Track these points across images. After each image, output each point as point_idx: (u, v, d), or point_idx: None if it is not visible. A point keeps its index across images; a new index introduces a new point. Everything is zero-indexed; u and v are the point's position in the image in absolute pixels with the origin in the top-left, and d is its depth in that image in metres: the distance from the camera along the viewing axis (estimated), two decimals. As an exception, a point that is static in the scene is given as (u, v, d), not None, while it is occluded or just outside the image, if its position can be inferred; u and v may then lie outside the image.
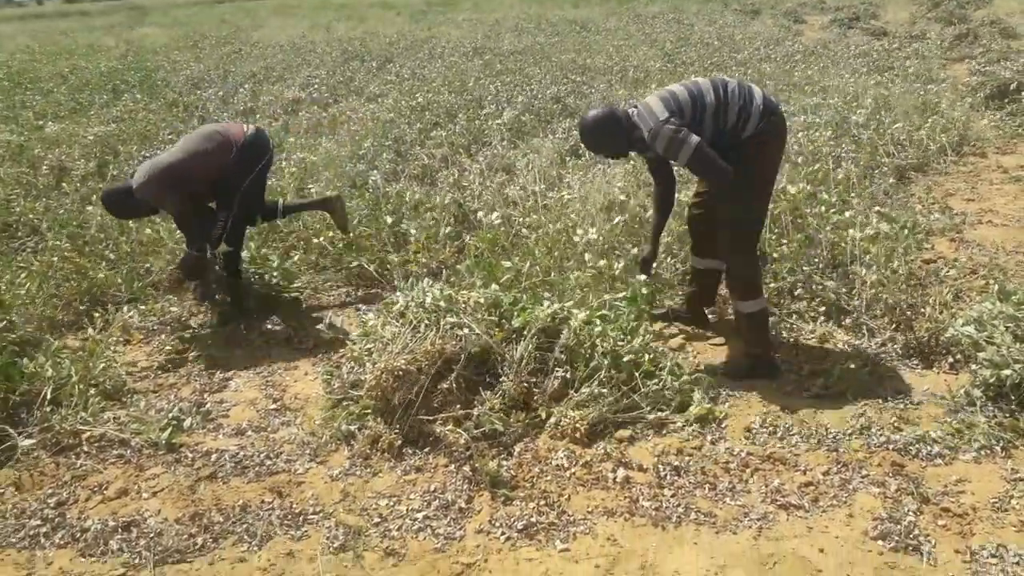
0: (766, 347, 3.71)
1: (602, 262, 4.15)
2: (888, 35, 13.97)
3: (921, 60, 10.75)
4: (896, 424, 3.22)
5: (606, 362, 3.41)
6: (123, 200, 4.30)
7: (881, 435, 3.14)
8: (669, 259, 4.58)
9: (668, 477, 2.97)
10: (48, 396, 3.56)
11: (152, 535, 2.84)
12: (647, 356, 3.52)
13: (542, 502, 2.86)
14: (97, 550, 2.80)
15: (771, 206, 4.56)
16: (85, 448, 3.40)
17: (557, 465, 3.06)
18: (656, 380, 3.44)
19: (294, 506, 2.96)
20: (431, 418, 3.30)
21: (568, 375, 3.42)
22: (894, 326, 3.91)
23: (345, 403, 3.49)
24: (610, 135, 3.63)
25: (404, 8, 27.28)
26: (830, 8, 19.18)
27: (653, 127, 3.45)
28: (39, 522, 2.96)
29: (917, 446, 3.06)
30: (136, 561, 2.73)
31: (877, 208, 5.08)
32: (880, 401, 3.40)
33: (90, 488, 3.15)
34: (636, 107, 3.61)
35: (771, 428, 3.25)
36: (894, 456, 3.01)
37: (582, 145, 3.89)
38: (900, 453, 3.03)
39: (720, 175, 3.47)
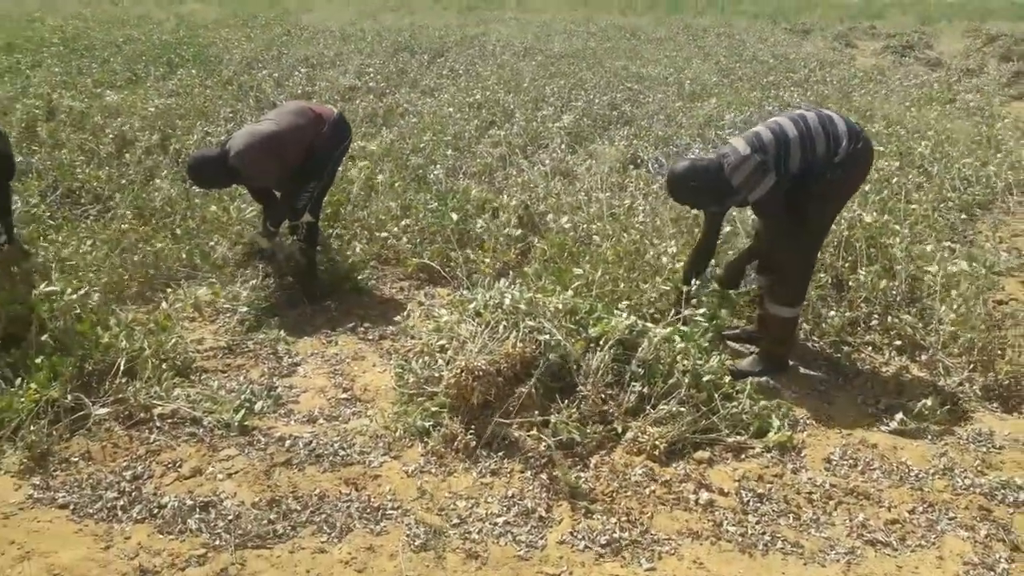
0: (787, 348, 3.88)
1: (678, 275, 4.11)
2: (943, 66, 13.81)
3: (981, 95, 10.60)
4: (979, 467, 3.16)
5: (686, 380, 3.36)
6: (214, 167, 4.29)
7: (965, 477, 3.09)
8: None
9: (751, 503, 2.93)
10: (121, 368, 3.56)
11: (230, 517, 2.83)
12: (726, 377, 3.48)
13: (624, 518, 2.83)
14: (175, 528, 2.79)
15: (846, 232, 4.54)
16: (157, 423, 3.39)
17: (636, 481, 3.03)
18: (735, 403, 3.40)
19: (372, 500, 2.94)
20: (507, 422, 3.27)
21: (646, 390, 3.39)
22: (971, 366, 3.85)
23: (419, 398, 3.47)
24: (703, 184, 3.65)
25: (451, 3, 27.31)
26: (881, 34, 19.01)
27: (734, 161, 3.54)
28: (116, 495, 2.95)
29: (1003, 491, 3.00)
30: (216, 543, 2.72)
31: (948, 243, 5.01)
32: (961, 441, 3.35)
33: (164, 464, 3.15)
34: (724, 148, 3.66)
35: (851, 461, 3.21)
36: (980, 500, 2.95)
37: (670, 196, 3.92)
38: (987, 497, 2.97)
39: (778, 224, 3.65)
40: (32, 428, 3.18)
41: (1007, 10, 25.65)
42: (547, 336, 3.41)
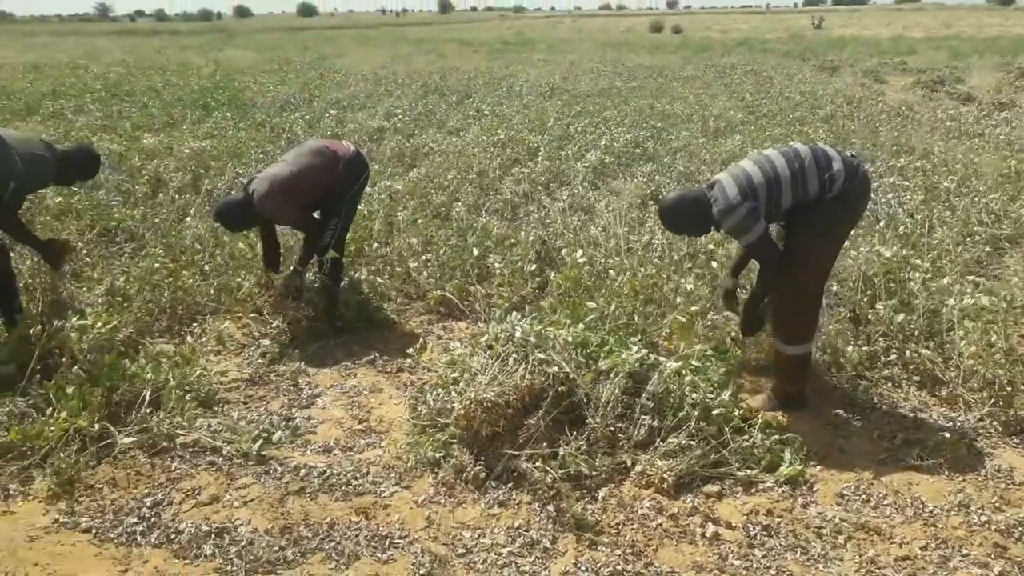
0: (800, 384, 3.82)
1: (694, 308, 4.13)
2: (974, 101, 13.73)
3: (1011, 129, 10.51)
4: (997, 504, 3.11)
5: (696, 413, 3.38)
6: (241, 212, 4.48)
7: (982, 514, 3.04)
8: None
9: (759, 537, 2.92)
10: (147, 398, 3.68)
11: (244, 543, 2.90)
12: (737, 411, 3.49)
13: (629, 550, 2.84)
14: (191, 552, 2.86)
15: (864, 267, 4.53)
16: (179, 452, 3.49)
17: (643, 514, 3.03)
18: (746, 436, 3.39)
19: (380, 528, 2.99)
20: (516, 453, 3.30)
21: (655, 423, 3.40)
22: (992, 401, 3.79)
23: (431, 430, 3.53)
24: (690, 215, 3.67)
25: (481, 46, 27.90)
26: (912, 70, 18.98)
27: (724, 207, 3.51)
28: (136, 520, 3.05)
29: (1020, 529, 2.94)
30: (228, 568, 2.78)
31: (972, 277, 4.96)
32: (979, 477, 3.30)
33: (184, 491, 3.24)
34: (713, 187, 3.63)
35: (864, 496, 3.17)
36: (996, 537, 2.90)
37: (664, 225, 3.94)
38: (1003, 535, 2.92)
39: (771, 266, 3.65)
40: (61, 456, 3.30)
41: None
42: (555, 368, 3.46)
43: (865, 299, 4.54)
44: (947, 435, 3.43)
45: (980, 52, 23.32)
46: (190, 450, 3.50)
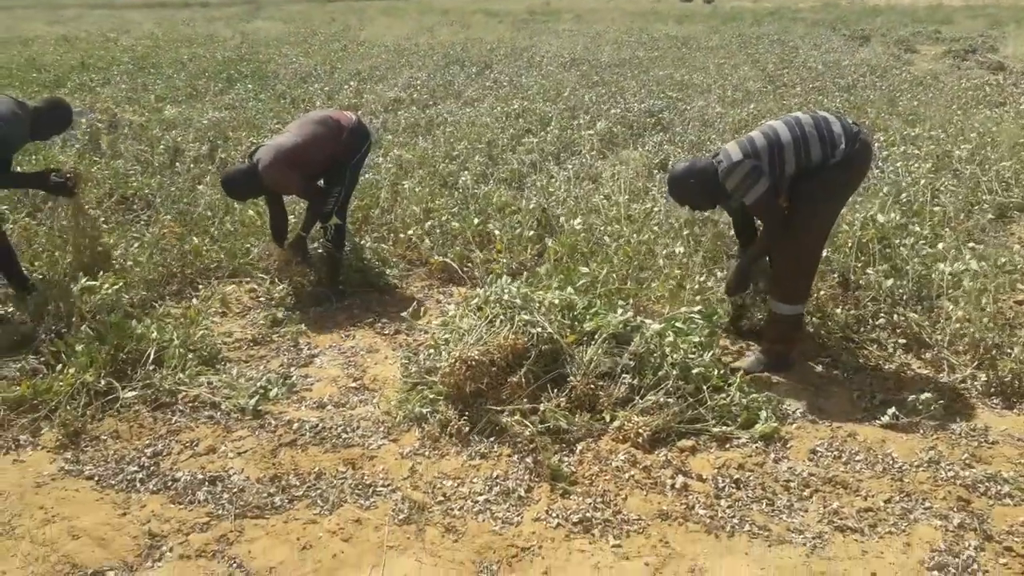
0: (790, 345, 3.90)
1: (677, 271, 4.20)
2: (1005, 70, 13.40)
3: (1038, 97, 10.29)
4: (967, 461, 3.17)
5: (674, 372, 3.47)
6: (246, 181, 4.61)
7: (950, 470, 3.10)
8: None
9: (727, 489, 3.01)
10: (151, 356, 3.86)
11: (235, 490, 3.07)
12: (716, 371, 3.57)
13: (599, 499, 2.96)
14: (185, 499, 3.04)
15: (859, 233, 4.56)
16: (180, 407, 3.67)
17: (617, 467, 3.14)
18: (724, 395, 3.48)
19: (365, 478, 3.14)
20: (499, 408, 3.43)
21: (635, 382, 3.50)
22: (976, 364, 3.83)
23: (420, 387, 3.66)
24: (700, 185, 3.76)
25: (507, 16, 27.71)
26: (946, 38, 18.51)
27: (727, 166, 3.62)
28: (136, 468, 3.23)
29: (987, 484, 3.01)
30: (219, 512, 2.95)
31: (972, 244, 4.95)
32: (953, 436, 3.35)
33: (182, 443, 3.41)
34: (718, 154, 3.71)
35: (836, 452, 3.25)
36: (961, 491, 2.97)
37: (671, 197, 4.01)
38: (968, 489, 2.99)
39: (774, 227, 3.71)
40: (68, 408, 3.50)
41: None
42: (539, 329, 3.56)
43: (860, 264, 4.56)
44: (923, 395, 3.48)
45: (1019, 20, 22.61)
46: (190, 405, 3.68)
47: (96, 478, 3.18)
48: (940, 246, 4.47)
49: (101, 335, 3.87)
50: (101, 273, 4.37)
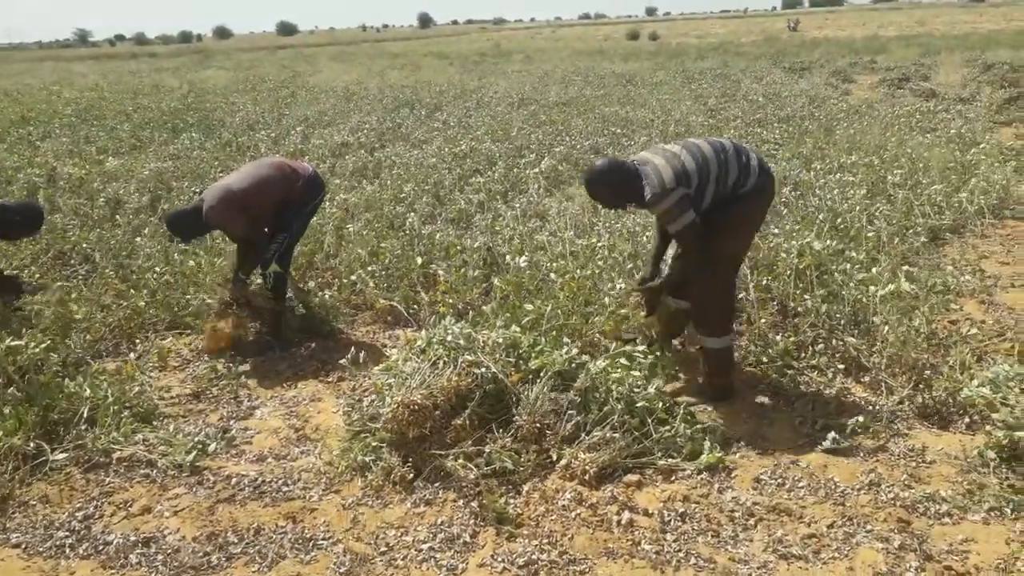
0: (728, 377, 3.96)
1: (624, 311, 4.23)
2: (937, 96, 13.93)
3: (966, 122, 10.69)
4: (906, 482, 3.21)
5: (619, 407, 3.46)
6: (191, 222, 4.54)
7: (890, 491, 3.13)
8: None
9: (672, 522, 3.00)
10: (84, 415, 3.74)
11: (169, 551, 2.96)
12: (660, 404, 3.57)
13: (545, 541, 2.92)
14: (117, 563, 2.92)
15: (796, 261, 4.64)
16: (115, 467, 3.55)
17: (563, 505, 3.11)
18: (669, 427, 3.48)
19: (306, 531, 3.06)
20: (444, 453, 3.38)
21: (581, 418, 3.48)
22: (912, 384, 3.90)
23: (363, 435, 3.60)
24: (620, 186, 3.76)
25: (457, 58, 28.09)
26: (881, 68, 19.23)
27: (659, 191, 3.62)
28: (66, 533, 3.10)
29: (926, 504, 3.04)
30: (152, 575, 2.84)
31: (907, 268, 5.07)
32: (892, 458, 3.39)
33: (116, 504, 3.29)
34: (645, 165, 3.73)
35: (780, 480, 3.27)
36: (901, 512, 2.99)
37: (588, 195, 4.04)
38: (908, 510, 3.01)
39: (697, 253, 3.75)
40: (-5, 474, 3.36)
41: (1011, 39, 25.81)
42: (483, 369, 3.54)
43: (798, 291, 4.64)
44: (860, 418, 3.52)
45: (951, 49, 23.62)
46: (125, 464, 3.56)
47: (24, 545, 3.05)
48: (874, 270, 4.56)
49: (30, 396, 3.74)
50: (25, 331, 4.24)
